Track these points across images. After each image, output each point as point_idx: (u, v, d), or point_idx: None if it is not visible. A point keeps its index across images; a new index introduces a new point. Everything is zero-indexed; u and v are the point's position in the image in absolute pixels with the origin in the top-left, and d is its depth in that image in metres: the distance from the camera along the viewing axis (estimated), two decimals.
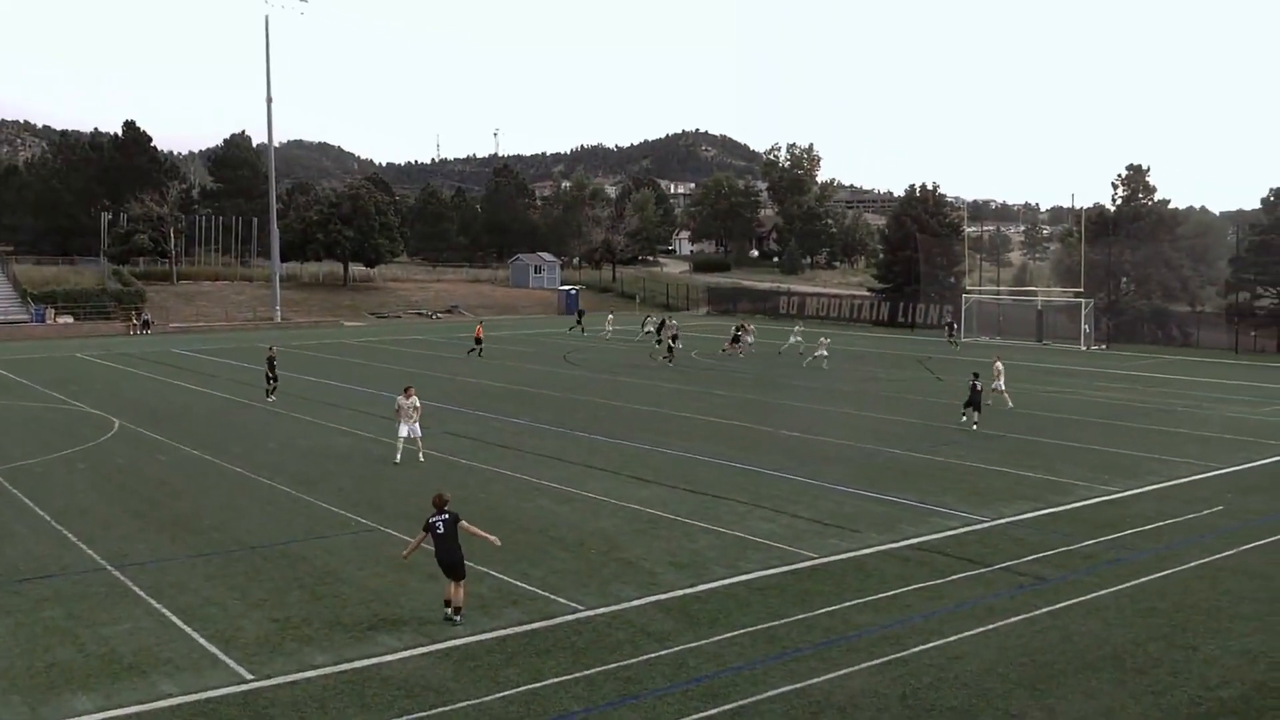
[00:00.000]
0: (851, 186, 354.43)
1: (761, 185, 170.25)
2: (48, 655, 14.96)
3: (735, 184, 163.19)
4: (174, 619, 16.33)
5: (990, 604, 17.04)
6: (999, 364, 40.06)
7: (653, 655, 14.89)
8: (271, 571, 18.72)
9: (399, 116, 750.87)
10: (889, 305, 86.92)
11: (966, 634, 15.69)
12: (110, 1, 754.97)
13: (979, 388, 35.32)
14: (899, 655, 14.89)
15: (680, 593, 17.56)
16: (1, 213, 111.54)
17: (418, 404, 28.47)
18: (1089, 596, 17.43)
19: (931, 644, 15.31)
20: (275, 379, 41.48)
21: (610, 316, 77.40)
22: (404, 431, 28.08)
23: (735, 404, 40.56)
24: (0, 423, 35.47)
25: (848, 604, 16.99)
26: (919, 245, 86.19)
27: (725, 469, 27.92)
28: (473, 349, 58.49)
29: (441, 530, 16.27)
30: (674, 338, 58.24)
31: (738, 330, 61.44)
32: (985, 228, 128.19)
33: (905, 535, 21.21)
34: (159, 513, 23.01)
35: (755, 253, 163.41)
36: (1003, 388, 39.03)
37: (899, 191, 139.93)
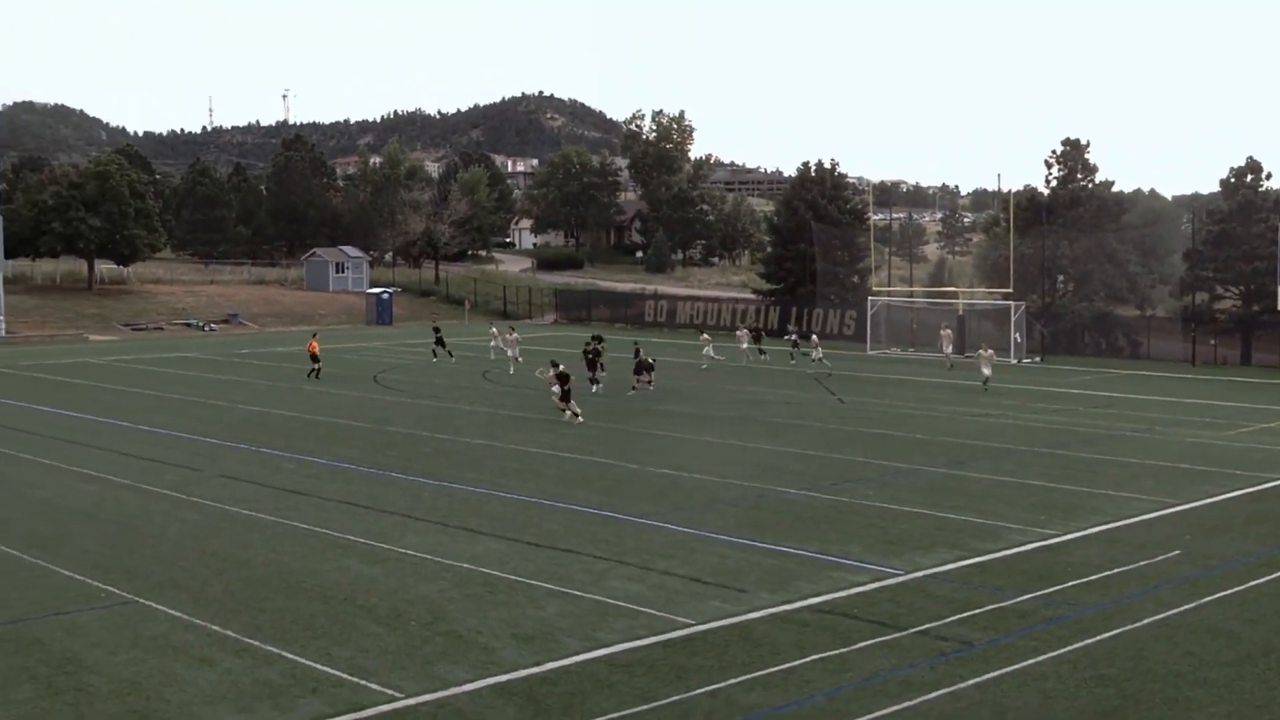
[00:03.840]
0: (732, 165, 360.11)
1: (621, 162, 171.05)
2: None
3: (589, 160, 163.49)
4: None
5: (906, 676, 17.32)
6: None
7: None
8: None
9: (160, 73, 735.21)
10: (779, 310, 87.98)
11: (878, 714, 15.90)
12: None
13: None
14: None
15: (524, 673, 17.47)
16: None
17: None
18: (1024, 664, 17.83)
19: None
20: None
21: (495, 329, 68.97)
22: None
23: (591, 435, 40.57)
24: None
25: (732, 681, 17.09)
26: (814, 236, 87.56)
27: (579, 516, 27.88)
28: (312, 370, 57.31)
29: None
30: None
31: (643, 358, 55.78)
32: (895, 215, 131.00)
33: (802, 594, 21.45)
34: None
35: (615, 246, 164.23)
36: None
37: (790, 171, 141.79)
